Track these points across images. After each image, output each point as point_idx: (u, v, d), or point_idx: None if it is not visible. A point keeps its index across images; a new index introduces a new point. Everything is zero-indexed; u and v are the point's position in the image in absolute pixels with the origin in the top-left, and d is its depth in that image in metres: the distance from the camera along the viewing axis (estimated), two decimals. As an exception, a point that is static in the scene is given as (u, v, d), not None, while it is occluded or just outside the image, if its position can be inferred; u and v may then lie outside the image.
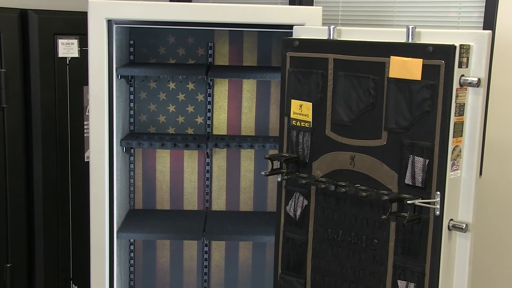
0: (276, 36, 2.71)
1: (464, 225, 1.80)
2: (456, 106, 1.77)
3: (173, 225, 2.66)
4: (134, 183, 2.83)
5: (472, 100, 1.79)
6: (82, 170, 2.99)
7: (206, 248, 2.88)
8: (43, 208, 2.99)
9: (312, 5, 3.22)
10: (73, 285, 3.19)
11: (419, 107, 1.80)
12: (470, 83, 1.75)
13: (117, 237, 2.53)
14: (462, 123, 1.80)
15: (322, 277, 2.09)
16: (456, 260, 1.87)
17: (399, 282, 1.89)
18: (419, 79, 1.79)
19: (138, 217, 2.74)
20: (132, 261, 2.88)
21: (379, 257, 1.94)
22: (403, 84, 1.82)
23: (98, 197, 2.45)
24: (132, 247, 2.86)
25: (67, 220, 3.10)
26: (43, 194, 2.98)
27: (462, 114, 1.79)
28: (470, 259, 1.86)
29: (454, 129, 1.77)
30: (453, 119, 1.77)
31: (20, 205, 2.93)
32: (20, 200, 2.92)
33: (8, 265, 2.92)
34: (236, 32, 2.73)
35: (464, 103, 1.79)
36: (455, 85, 1.75)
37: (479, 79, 1.75)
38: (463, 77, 1.76)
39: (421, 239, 1.83)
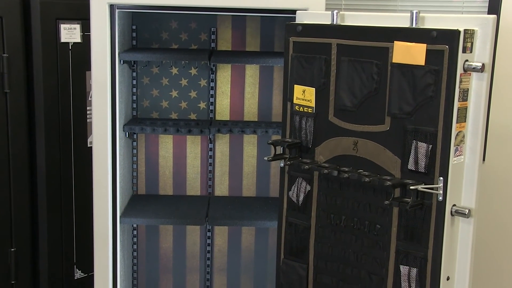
0: (279, 21, 2.69)
1: (467, 211, 1.81)
2: (459, 92, 1.76)
3: (176, 210, 2.67)
4: (137, 168, 2.83)
5: (476, 85, 1.79)
6: (85, 156, 2.99)
7: (209, 233, 2.89)
8: (47, 193, 3.00)
9: (315, -11, 3.20)
10: (77, 270, 3.21)
11: (422, 93, 1.79)
12: (474, 68, 1.74)
13: (120, 222, 2.53)
14: (465, 108, 1.79)
15: (324, 262, 2.10)
16: (459, 246, 1.87)
17: (401, 267, 1.90)
18: (423, 64, 1.78)
19: (141, 203, 2.75)
20: (135, 246, 2.89)
21: (382, 242, 1.94)
22: (406, 69, 1.82)
23: (101, 183, 2.45)
24: (135, 232, 2.87)
25: (70, 205, 3.11)
26: (47, 179, 2.99)
27: (466, 100, 1.79)
28: (472, 245, 1.86)
29: (457, 114, 1.77)
30: (456, 104, 1.76)
31: (24, 190, 2.94)
32: (24, 186, 2.93)
33: (12, 249, 2.93)
34: (239, 17, 2.72)
35: (468, 89, 1.78)
36: (459, 70, 1.74)
37: (483, 64, 1.74)
38: (467, 62, 1.75)
39: (423, 224, 1.84)
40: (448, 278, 1.86)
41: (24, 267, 3.00)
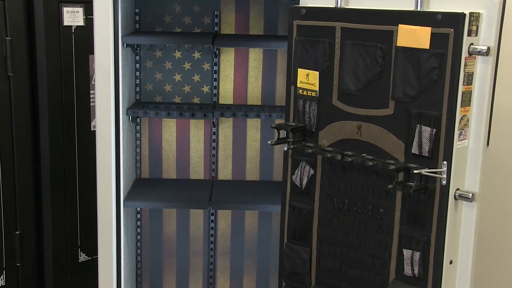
0: (282, 5, 2.68)
1: (471, 195, 1.80)
2: (464, 75, 1.75)
3: (179, 194, 2.67)
4: (141, 152, 2.83)
5: (481, 69, 1.77)
6: (89, 139, 2.99)
7: (212, 217, 2.90)
8: (51, 176, 3.01)
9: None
10: (81, 253, 3.23)
11: (427, 76, 1.78)
12: (479, 51, 1.73)
13: (124, 206, 2.54)
14: (470, 92, 1.78)
15: (328, 246, 2.10)
16: (462, 230, 1.87)
17: (404, 251, 1.90)
18: (428, 47, 1.77)
19: (145, 186, 2.75)
20: (139, 230, 2.90)
21: (385, 226, 1.94)
22: (411, 53, 1.80)
23: (104, 166, 2.46)
24: (139, 216, 2.88)
25: (74, 189, 3.13)
26: (50, 163, 2.99)
27: (471, 84, 1.78)
28: (476, 229, 1.86)
29: (462, 98, 1.76)
30: (461, 88, 1.75)
31: (28, 173, 2.95)
32: (28, 169, 2.94)
33: (17, 232, 2.95)
34: (243, 1, 2.70)
35: (472, 72, 1.77)
36: (464, 54, 1.73)
37: (488, 48, 1.72)
38: (472, 46, 1.74)
39: (427, 208, 1.84)
40: (451, 262, 1.86)
41: (29, 250, 3.02)
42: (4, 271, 2.94)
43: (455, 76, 1.74)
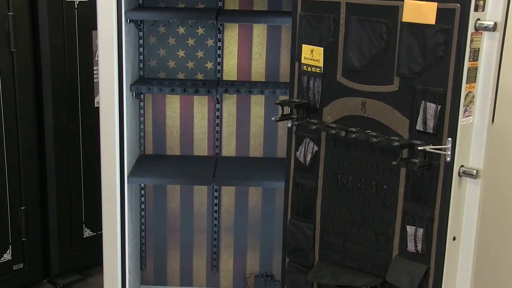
0: (287, -20, 2.65)
1: (475, 172, 1.80)
2: (470, 51, 1.73)
3: (183, 170, 2.68)
4: (144, 128, 2.83)
5: (487, 45, 1.76)
6: (93, 116, 3.00)
7: (216, 194, 2.90)
8: (55, 152, 3.02)
9: None
10: (86, 228, 3.25)
11: (432, 52, 1.77)
12: (486, 27, 1.71)
13: (127, 182, 2.55)
14: (476, 68, 1.77)
15: (331, 222, 2.11)
16: (466, 206, 1.87)
17: (408, 227, 1.90)
18: (433, 23, 1.75)
19: (149, 163, 2.75)
20: (143, 206, 2.91)
21: (389, 202, 1.95)
22: (416, 28, 1.79)
23: (108, 142, 2.46)
24: (143, 192, 2.89)
25: (78, 165, 3.13)
26: (54, 139, 3.00)
27: (477, 60, 1.76)
28: (479, 205, 1.86)
29: (467, 74, 1.75)
30: (467, 64, 1.74)
31: (32, 150, 2.95)
32: (32, 145, 2.95)
33: (22, 208, 2.97)
34: (247, -25, 2.68)
35: (479, 48, 1.76)
36: (470, 29, 1.71)
37: (495, 23, 1.70)
38: (478, 21, 1.72)
39: (431, 185, 1.84)
40: (454, 238, 1.87)
41: (34, 225, 3.04)
42: (10, 246, 2.97)
43: (461, 52, 1.72)
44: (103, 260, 2.57)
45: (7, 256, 2.96)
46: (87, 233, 3.25)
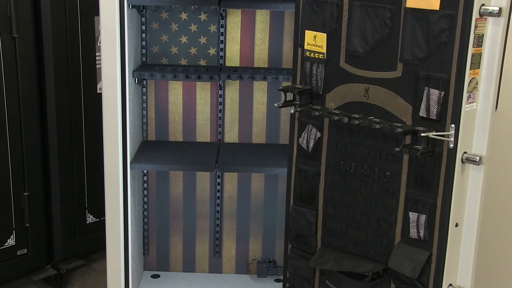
0: (290, -35, 2.63)
1: (478, 158, 1.80)
2: (474, 37, 1.72)
3: (186, 156, 2.68)
4: (147, 114, 2.83)
5: (492, 30, 1.75)
6: (95, 102, 2.99)
7: (218, 180, 2.91)
8: (58, 139, 3.02)
9: None
10: (89, 214, 3.26)
11: (436, 38, 1.76)
12: (490, 12, 1.70)
13: (130, 168, 2.55)
14: (480, 54, 1.76)
15: (334, 208, 2.11)
16: (468, 193, 1.87)
17: (410, 214, 1.91)
18: (437, 9, 1.74)
19: (151, 149, 2.76)
20: (145, 192, 2.92)
21: (391, 189, 1.95)
22: (420, 14, 1.78)
23: (111, 128, 2.46)
24: (145, 178, 2.89)
25: (81, 151, 3.14)
26: (57, 125, 3.00)
27: (481, 46, 1.75)
28: (482, 192, 1.86)
29: (471, 60, 1.74)
30: (471, 50, 1.73)
31: (35, 135, 2.96)
32: (34, 131, 2.95)
33: (26, 193, 2.98)
34: (249, -40, 2.65)
35: (483, 34, 1.74)
36: (475, 15, 1.70)
37: (500, 9, 1.69)
38: (483, 7, 1.70)
39: (434, 171, 1.83)
40: (456, 225, 1.87)
41: (37, 211, 3.05)
42: (13, 232, 2.98)
43: (465, 38, 1.71)
44: (106, 246, 2.58)
45: (11, 241, 2.97)
46: (90, 219, 3.26)
